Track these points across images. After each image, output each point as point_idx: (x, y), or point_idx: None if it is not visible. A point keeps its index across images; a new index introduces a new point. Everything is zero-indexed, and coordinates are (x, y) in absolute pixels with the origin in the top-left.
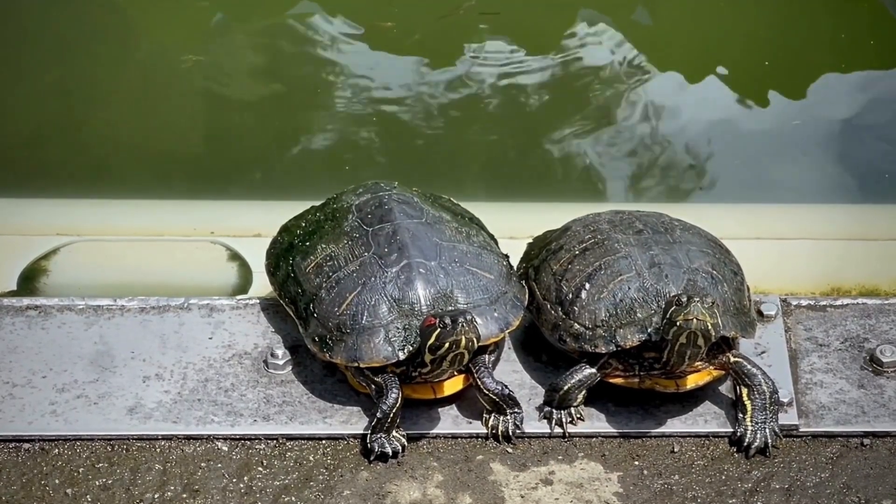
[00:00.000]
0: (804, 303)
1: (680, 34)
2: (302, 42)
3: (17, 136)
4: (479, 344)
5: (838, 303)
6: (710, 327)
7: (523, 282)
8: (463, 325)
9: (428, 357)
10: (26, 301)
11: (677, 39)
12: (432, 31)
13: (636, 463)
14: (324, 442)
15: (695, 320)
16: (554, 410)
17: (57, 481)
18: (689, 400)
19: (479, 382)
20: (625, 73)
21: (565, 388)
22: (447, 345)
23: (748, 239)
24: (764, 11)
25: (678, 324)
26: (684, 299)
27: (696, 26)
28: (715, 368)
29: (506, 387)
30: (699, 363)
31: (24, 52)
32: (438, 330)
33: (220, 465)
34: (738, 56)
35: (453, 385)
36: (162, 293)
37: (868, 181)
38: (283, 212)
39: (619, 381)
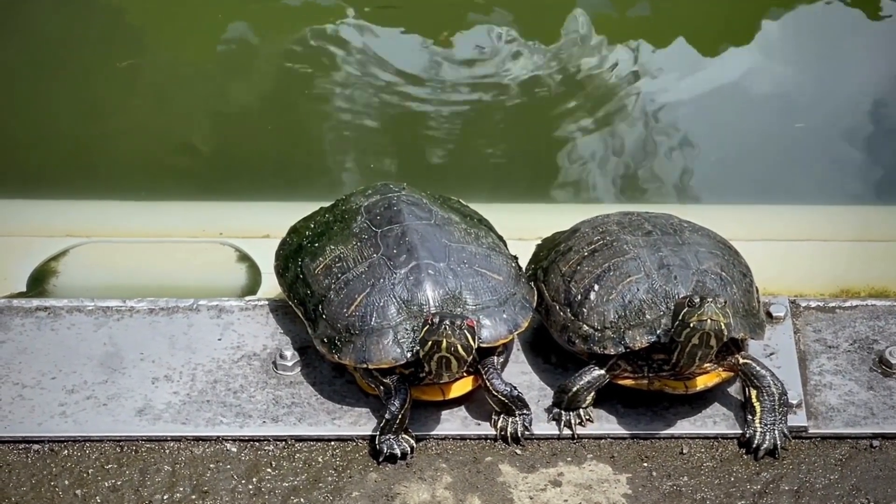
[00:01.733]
0: (813, 304)
1: (685, 32)
2: (312, 42)
3: (27, 137)
4: (488, 345)
5: (847, 304)
6: (723, 327)
7: (532, 283)
8: (446, 328)
9: (420, 353)
10: (36, 302)
11: (683, 38)
12: (440, 33)
13: (645, 464)
14: (332, 443)
15: (709, 321)
16: (563, 412)
17: (66, 482)
18: (698, 401)
19: (488, 384)
20: (633, 73)
21: (574, 389)
22: (429, 343)
23: (757, 240)
24: (768, 9)
25: (692, 325)
26: (697, 300)
27: (705, 22)
28: (724, 370)
29: (515, 388)
30: (708, 365)
31: (31, 53)
32: (427, 327)
33: (229, 467)
34: (746, 55)
35: (462, 386)
36: (171, 294)
37: (877, 182)
38: (292, 213)
39: (627, 382)
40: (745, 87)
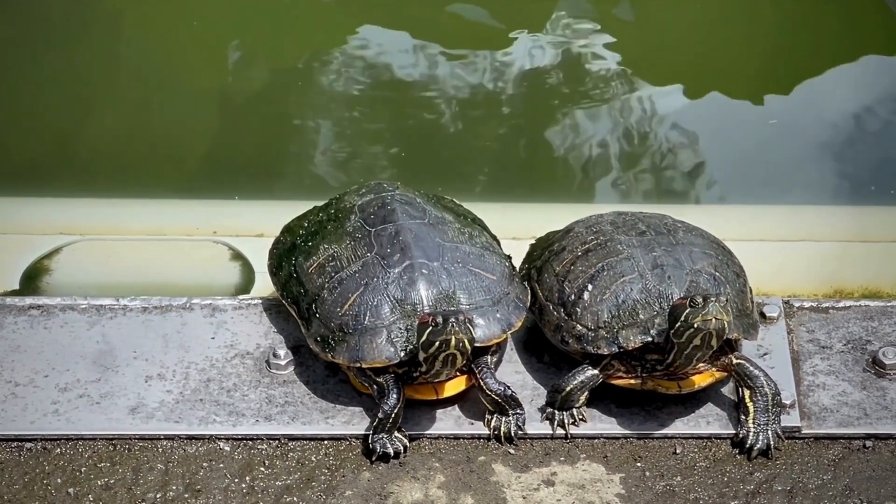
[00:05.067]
0: (806, 305)
1: (682, 34)
2: (306, 40)
3: (20, 135)
4: (482, 345)
5: (841, 305)
6: (726, 325)
7: (525, 283)
8: (453, 325)
9: (421, 355)
10: (29, 300)
11: (679, 40)
12: (435, 32)
13: (638, 464)
14: (326, 442)
15: (713, 320)
16: (556, 411)
17: (59, 481)
18: (692, 401)
19: (482, 383)
20: (629, 73)
21: (567, 389)
22: (437, 343)
23: (751, 240)
24: (765, 8)
25: (696, 325)
26: (699, 300)
27: (697, 25)
28: (717, 370)
29: (508, 387)
30: (702, 365)
31: (26, 51)
32: (430, 328)
33: (222, 465)
34: (741, 54)
35: (455, 386)
36: (164, 293)
37: (870, 182)
38: (286, 212)
39: (621, 382)
40: (742, 85)
